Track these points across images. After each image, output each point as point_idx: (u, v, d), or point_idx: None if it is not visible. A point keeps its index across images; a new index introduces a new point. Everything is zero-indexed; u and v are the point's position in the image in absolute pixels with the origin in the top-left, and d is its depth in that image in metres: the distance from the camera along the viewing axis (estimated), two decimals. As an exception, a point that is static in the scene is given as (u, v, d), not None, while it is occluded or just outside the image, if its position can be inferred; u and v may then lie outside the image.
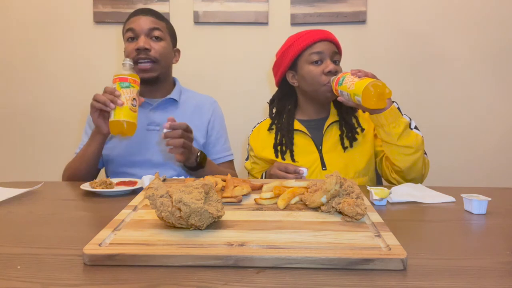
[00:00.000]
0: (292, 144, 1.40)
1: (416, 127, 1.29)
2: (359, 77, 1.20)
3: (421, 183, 1.27)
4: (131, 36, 1.40)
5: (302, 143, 1.42)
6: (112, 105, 1.17)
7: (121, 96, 1.18)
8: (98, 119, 1.24)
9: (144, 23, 1.39)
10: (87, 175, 1.36)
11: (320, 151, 1.40)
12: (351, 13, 2.00)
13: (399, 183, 1.31)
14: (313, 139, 1.41)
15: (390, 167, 1.34)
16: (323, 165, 1.38)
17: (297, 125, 1.44)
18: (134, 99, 1.21)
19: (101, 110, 1.21)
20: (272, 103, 1.52)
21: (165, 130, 1.19)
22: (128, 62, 1.24)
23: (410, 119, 1.29)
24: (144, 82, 1.42)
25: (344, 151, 1.38)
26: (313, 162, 1.39)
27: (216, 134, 1.53)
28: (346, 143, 1.39)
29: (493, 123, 2.05)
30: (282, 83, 1.48)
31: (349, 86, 1.20)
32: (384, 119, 1.21)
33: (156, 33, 1.40)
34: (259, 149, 1.46)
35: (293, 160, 1.39)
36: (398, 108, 1.24)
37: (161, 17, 1.45)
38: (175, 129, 1.20)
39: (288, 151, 1.40)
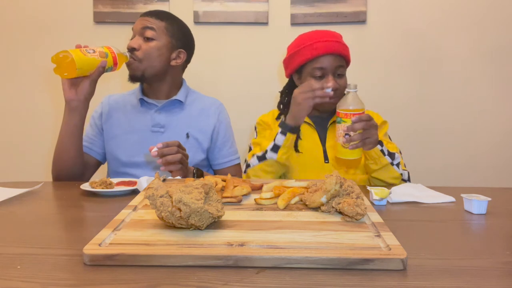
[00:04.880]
0: (299, 133, 1.42)
1: (398, 164, 1.29)
2: (344, 140, 1.16)
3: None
4: (132, 36, 1.42)
5: (307, 133, 1.44)
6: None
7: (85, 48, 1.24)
8: (63, 85, 1.28)
9: (140, 23, 1.40)
10: (73, 159, 1.32)
11: (323, 145, 1.43)
12: (351, 13, 2.00)
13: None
14: (318, 133, 1.44)
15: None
16: (326, 158, 1.40)
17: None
18: (93, 50, 1.23)
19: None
20: (283, 94, 1.54)
21: (155, 149, 1.16)
22: (127, 52, 1.35)
23: (394, 155, 1.28)
24: (131, 79, 1.44)
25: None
26: (316, 154, 1.41)
27: (222, 139, 1.52)
28: None
29: (493, 122, 2.05)
30: (291, 78, 1.50)
31: (337, 136, 1.19)
32: (366, 154, 1.26)
33: (148, 33, 1.39)
34: (270, 123, 1.48)
35: (296, 150, 1.41)
36: (381, 150, 1.24)
37: (164, 17, 1.42)
38: (169, 146, 1.19)
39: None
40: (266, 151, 1.32)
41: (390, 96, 2.06)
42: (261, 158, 1.33)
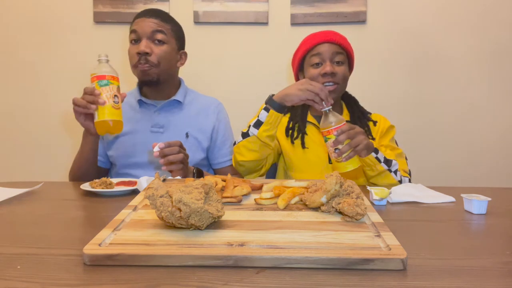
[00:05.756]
0: (304, 130, 1.45)
1: (396, 171, 1.29)
2: (336, 155, 1.18)
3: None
4: (134, 38, 1.38)
5: (313, 134, 1.46)
6: (93, 106, 1.14)
7: (101, 95, 1.15)
8: (85, 122, 1.21)
9: (148, 25, 1.36)
10: (89, 175, 1.36)
11: None
12: (351, 13, 2.00)
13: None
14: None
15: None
16: (330, 159, 1.41)
17: (309, 118, 1.49)
18: (115, 95, 1.17)
19: (85, 113, 1.19)
20: None
21: (156, 148, 1.17)
22: (104, 58, 1.20)
23: (391, 163, 1.28)
24: (144, 84, 1.42)
25: None
26: (321, 154, 1.43)
27: (221, 138, 1.52)
28: None
29: (493, 122, 2.05)
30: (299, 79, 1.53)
31: (330, 154, 1.21)
32: (362, 161, 1.26)
33: (159, 36, 1.37)
34: None
35: (303, 146, 1.43)
36: (377, 158, 1.25)
37: (168, 19, 1.41)
38: (171, 146, 1.19)
39: (299, 137, 1.44)
40: (249, 127, 1.32)
41: (390, 95, 2.06)
42: (245, 135, 1.33)
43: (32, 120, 2.16)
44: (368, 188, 1.02)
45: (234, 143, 1.38)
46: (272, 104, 1.28)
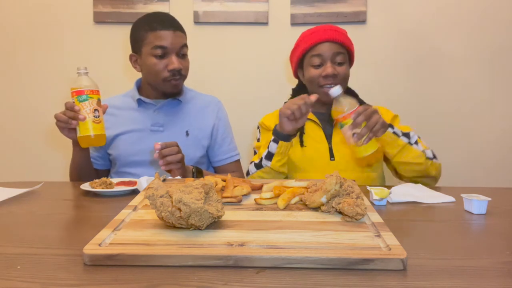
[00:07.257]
0: (302, 128, 1.43)
1: (416, 142, 1.27)
2: (355, 139, 1.17)
3: (434, 184, 1.30)
4: (160, 54, 1.35)
5: (313, 131, 1.45)
6: (74, 122, 1.17)
7: (81, 111, 1.16)
8: (70, 135, 1.23)
9: (177, 41, 1.36)
10: (87, 178, 1.37)
11: (329, 142, 1.42)
12: (351, 13, 2.00)
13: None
14: (323, 130, 1.44)
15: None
16: (332, 155, 1.40)
17: (310, 115, 1.46)
18: (95, 110, 1.18)
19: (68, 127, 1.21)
20: (293, 93, 1.55)
21: (156, 150, 1.18)
22: (83, 70, 1.19)
23: (409, 135, 1.27)
24: (170, 95, 1.45)
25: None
26: (322, 151, 1.41)
27: (221, 136, 1.53)
28: None
29: (493, 122, 2.05)
30: (298, 75, 1.52)
31: (347, 140, 1.19)
32: (382, 142, 1.24)
33: (185, 50, 1.41)
34: (271, 126, 1.45)
35: (301, 144, 1.42)
36: (394, 133, 1.24)
37: (183, 28, 1.42)
38: (168, 146, 1.19)
39: (297, 135, 1.42)
40: (261, 159, 1.33)
41: (389, 95, 2.06)
42: (258, 166, 1.35)
43: (32, 120, 2.16)
44: (368, 188, 1.02)
45: (248, 173, 1.40)
46: (278, 135, 1.29)
